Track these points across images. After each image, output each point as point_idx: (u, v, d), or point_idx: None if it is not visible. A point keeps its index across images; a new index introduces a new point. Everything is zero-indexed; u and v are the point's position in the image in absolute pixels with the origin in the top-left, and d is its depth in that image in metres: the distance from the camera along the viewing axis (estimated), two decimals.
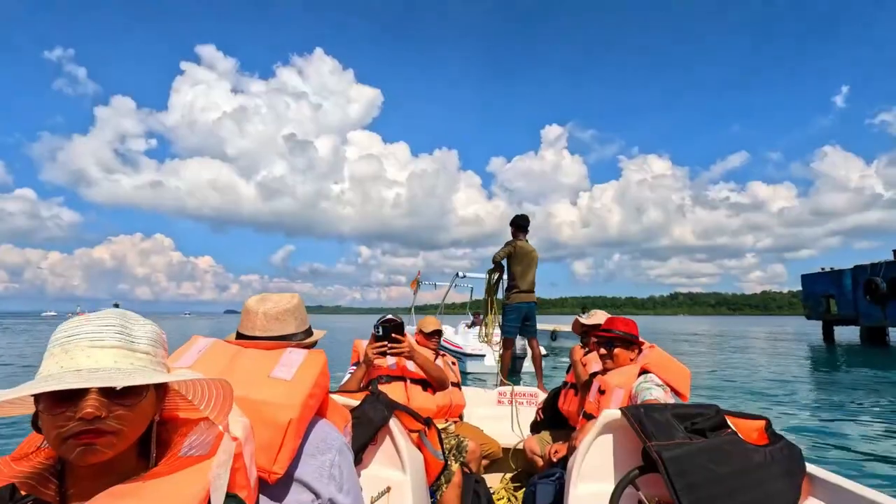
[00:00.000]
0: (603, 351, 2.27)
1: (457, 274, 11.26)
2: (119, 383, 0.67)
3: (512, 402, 3.52)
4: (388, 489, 1.63)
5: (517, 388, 3.62)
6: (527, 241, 5.29)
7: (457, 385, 3.10)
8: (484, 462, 2.93)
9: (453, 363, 3.19)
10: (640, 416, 1.53)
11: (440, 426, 2.43)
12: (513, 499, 2.89)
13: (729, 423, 1.55)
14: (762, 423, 1.58)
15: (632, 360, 2.22)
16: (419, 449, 1.90)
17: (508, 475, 3.12)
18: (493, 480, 3.06)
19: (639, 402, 1.95)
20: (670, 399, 1.97)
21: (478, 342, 11.51)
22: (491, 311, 5.49)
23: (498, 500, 2.87)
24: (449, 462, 2.15)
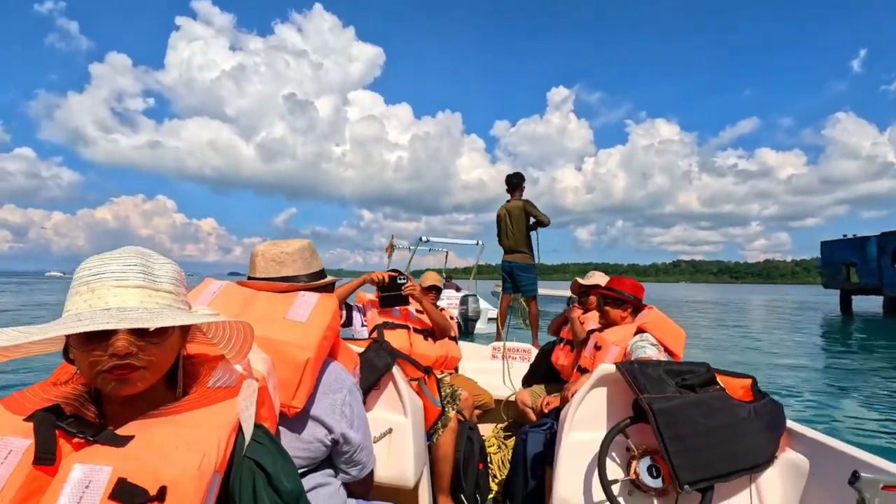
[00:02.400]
0: (603, 308, 2.35)
1: (420, 239, 11.02)
2: (150, 324, 0.70)
3: (505, 356, 3.63)
4: (390, 430, 1.72)
5: (510, 344, 3.73)
6: (515, 198, 5.37)
7: (453, 339, 3.20)
8: (477, 412, 3.07)
9: (451, 318, 3.28)
10: (633, 371, 1.60)
11: (437, 376, 2.53)
12: (503, 446, 3.04)
13: (718, 380, 1.62)
14: (749, 381, 1.66)
15: (624, 318, 2.30)
16: (418, 395, 1.99)
17: (500, 425, 3.27)
18: (485, 430, 3.20)
19: (633, 359, 2.03)
20: (663, 358, 2.05)
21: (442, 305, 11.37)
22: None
23: (489, 447, 3.02)
24: (446, 409, 2.25)
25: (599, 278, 3.11)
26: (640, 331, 2.18)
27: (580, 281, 3.21)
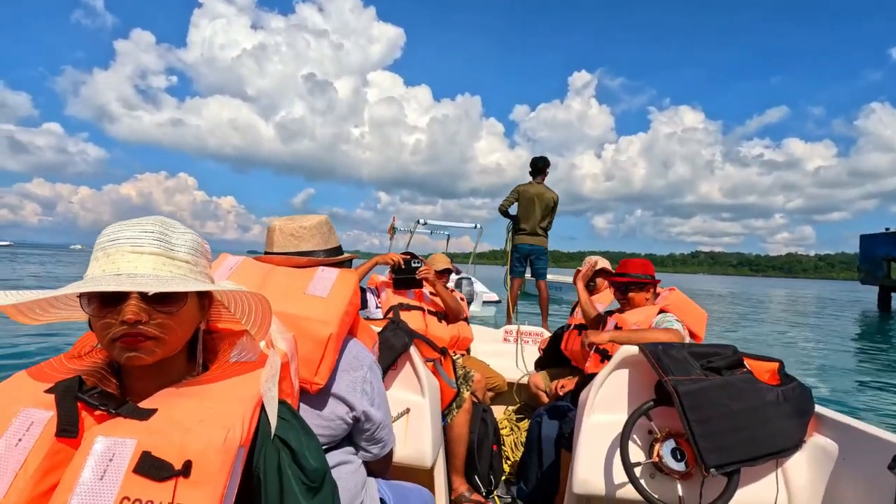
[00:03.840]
0: (619, 295, 2.30)
1: (418, 221, 10.78)
2: (151, 289, 0.67)
3: (518, 339, 3.61)
4: (408, 410, 1.70)
5: (523, 327, 3.70)
6: (538, 182, 5.33)
7: (465, 320, 3.19)
8: (489, 394, 3.06)
9: (461, 299, 3.27)
10: (657, 353, 1.56)
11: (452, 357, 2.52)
12: (515, 429, 3.04)
13: (744, 363, 1.58)
14: (776, 364, 1.62)
15: (648, 300, 2.25)
16: (434, 376, 1.97)
17: (512, 408, 3.26)
18: (497, 412, 3.20)
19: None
20: (686, 336, 2.01)
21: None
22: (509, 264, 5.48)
23: (501, 429, 3.01)
24: (462, 390, 2.23)
25: (601, 263, 3.09)
26: (662, 312, 2.14)
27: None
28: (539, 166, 5.38)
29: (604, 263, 3.08)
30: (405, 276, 2.59)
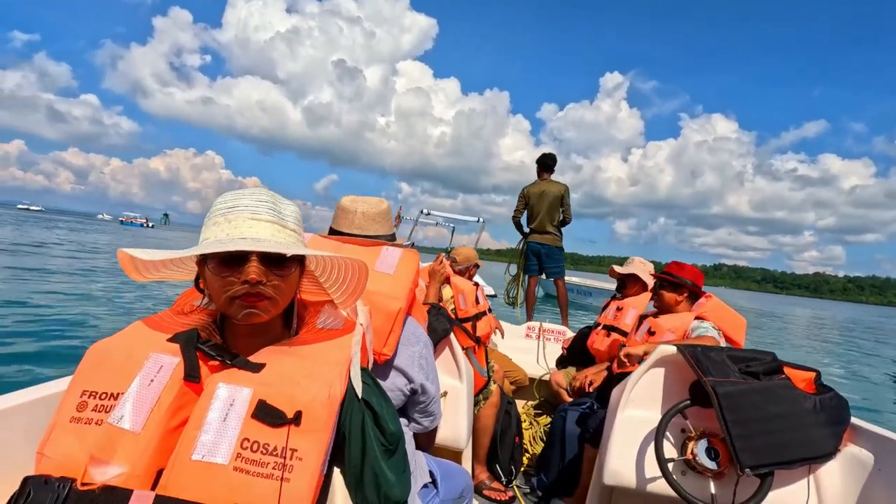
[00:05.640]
0: (659, 291, 2.30)
1: (421, 211, 10.77)
2: (287, 251, 0.73)
3: (540, 336, 3.65)
4: (445, 393, 1.75)
5: (546, 325, 3.74)
6: (547, 179, 5.22)
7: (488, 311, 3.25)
8: (511, 388, 3.11)
9: (478, 286, 3.34)
10: (696, 354, 1.59)
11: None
12: (535, 423, 3.08)
13: (783, 370, 1.60)
14: (813, 374, 1.64)
15: (680, 303, 2.26)
16: None
17: (531, 403, 3.30)
18: (517, 406, 3.25)
19: (693, 337, 2.02)
20: (723, 343, 2.03)
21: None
22: (517, 276, 5.53)
23: (521, 423, 3.06)
24: (490, 382, 2.28)
25: (639, 265, 3.01)
26: (698, 318, 2.15)
27: (617, 269, 3.11)
28: (549, 164, 5.24)
29: (638, 266, 2.99)
30: None
